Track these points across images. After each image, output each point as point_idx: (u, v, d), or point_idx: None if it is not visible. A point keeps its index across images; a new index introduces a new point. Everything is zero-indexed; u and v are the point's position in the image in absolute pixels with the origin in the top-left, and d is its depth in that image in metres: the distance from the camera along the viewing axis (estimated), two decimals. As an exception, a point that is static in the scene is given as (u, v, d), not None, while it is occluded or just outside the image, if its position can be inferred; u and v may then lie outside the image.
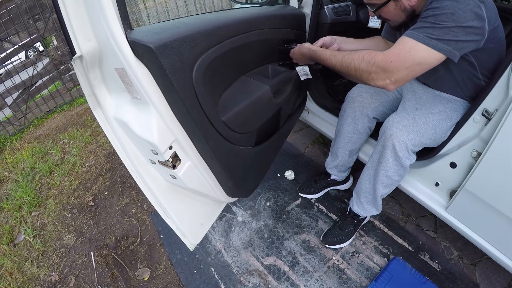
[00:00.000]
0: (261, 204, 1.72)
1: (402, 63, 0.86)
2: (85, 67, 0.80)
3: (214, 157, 1.00)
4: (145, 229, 1.73)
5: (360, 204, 1.37)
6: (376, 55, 0.90)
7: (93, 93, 0.88)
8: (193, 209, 1.19)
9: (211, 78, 0.91)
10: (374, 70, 0.90)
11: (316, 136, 2.16)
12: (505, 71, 0.89)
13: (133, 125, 0.86)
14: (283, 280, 1.37)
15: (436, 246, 1.44)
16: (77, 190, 2.09)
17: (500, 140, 0.91)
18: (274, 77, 1.20)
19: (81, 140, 2.62)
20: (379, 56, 0.89)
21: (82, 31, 0.74)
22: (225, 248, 1.54)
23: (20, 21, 2.71)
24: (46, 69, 3.09)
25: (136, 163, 1.00)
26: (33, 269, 1.63)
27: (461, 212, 1.14)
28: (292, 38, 1.30)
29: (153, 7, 4.42)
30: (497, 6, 0.95)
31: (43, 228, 1.87)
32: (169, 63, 0.77)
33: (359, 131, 1.37)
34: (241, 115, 1.04)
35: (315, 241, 1.50)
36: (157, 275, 1.50)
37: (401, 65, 0.86)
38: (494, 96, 0.93)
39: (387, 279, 1.29)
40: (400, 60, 0.86)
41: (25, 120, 3.07)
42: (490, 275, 1.31)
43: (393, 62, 0.87)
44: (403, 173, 1.16)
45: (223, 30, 0.94)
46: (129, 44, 0.73)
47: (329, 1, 1.59)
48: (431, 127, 1.07)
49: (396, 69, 0.87)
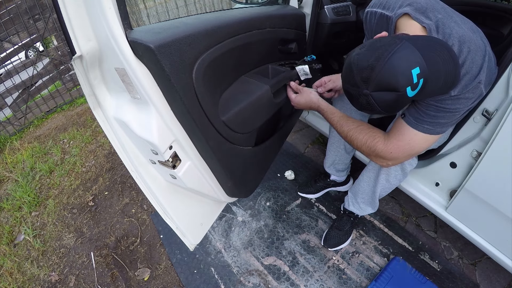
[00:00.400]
0: (261, 204, 1.72)
1: (401, 153, 0.92)
2: (85, 67, 0.80)
3: (214, 157, 1.00)
4: (145, 229, 1.73)
5: (356, 204, 1.37)
6: (377, 144, 0.95)
7: (93, 93, 0.88)
8: (193, 209, 1.19)
9: (211, 78, 0.91)
10: (374, 155, 0.98)
11: (316, 136, 2.16)
12: (505, 71, 0.89)
13: (133, 125, 0.86)
14: (283, 280, 1.37)
15: (436, 246, 1.44)
16: (77, 190, 2.09)
17: (500, 140, 0.91)
18: (274, 77, 1.20)
19: (81, 140, 2.62)
20: (380, 146, 0.94)
21: (82, 31, 0.74)
22: (225, 248, 1.54)
23: (20, 21, 2.71)
24: (46, 69, 3.09)
25: (136, 163, 1.00)
26: (33, 269, 1.63)
27: (461, 212, 1.14)
28: (292, 38, 1.30)
29: (153, 7, 4.42)
30: (497, 6, 0.95)
31: (43, 228, 1.87)
32: (169, 63, 0.77)
33: None
34: (241, 115, 1.04)
35: (315, 241, 1.50)
36: (157, 275, 1.50)
37: (399, 155, 0.93)
38: (494, 96, 0.93)
39: (387, 279, 1.29)
40: (400, 151, 0.92)
41: (25, 120, 3.07)
42: (490, 275, 1.31)
43: (392, 153, 0.92)
44: (402, 178, 1.17)
45: (223, 30, 0.94)
46: (129, 43, 0.73)
47: (329, 1, 1.58)
48: None
49: (394, 158, 0.94)
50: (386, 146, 0.93)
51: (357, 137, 1.00)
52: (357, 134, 1.00)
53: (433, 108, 0.84)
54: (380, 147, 0.94)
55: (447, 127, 0.88)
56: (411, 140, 0.89)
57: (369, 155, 0.99)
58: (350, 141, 1.03)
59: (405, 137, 0.90)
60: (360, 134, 0.99)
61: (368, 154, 1.00)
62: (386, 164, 1.00)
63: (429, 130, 0.87)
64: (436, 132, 0.87)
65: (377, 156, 0.97)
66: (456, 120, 0.90)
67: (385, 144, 0.94)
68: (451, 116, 0.85)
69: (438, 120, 0.85)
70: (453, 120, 0.87)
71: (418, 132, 0.88)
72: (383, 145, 0.94)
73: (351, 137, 1.02)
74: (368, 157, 1.02)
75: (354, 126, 1.02)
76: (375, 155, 0.97)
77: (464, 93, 0.80)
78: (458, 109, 0.83)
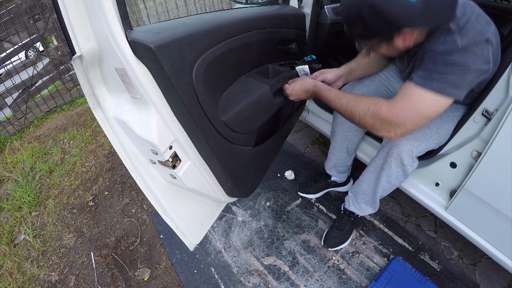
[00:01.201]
0: (261, 204, 1.72)
1: (408, 117, 0.84)
2: (85, 67, 0.80)
3: (214, 157, 1.00)
4: (145, 229, 1.73)
5: (357, 204, 1.37)
6: (382, 108, 0.87)
7: (93, 92, 0.88)
8: (193, 209, 1.19)
9: (211, 78, 0.91)
10: (379, 123, 0.88)
11: (316, 136, 2.16)
12: (505, 71, 0.89)
13: (133, 125, 0.86)
14: (283, 280, 1.37)
15: (436, 246, 1.44)
16: (77, 190, 2.09)
17: (500, 140, 0.91)
18: (274, 77, 1.20)
19: (81, 140, 2.62)
20: (384, 109, 0.86)
21: (82, 31, 0.74)
22: (225, 248, 1.54)
23: (20, 21, 2.71)
24: (46, 69, 3.09)
25: (136, 163, 1.00)
26: (33, 269, 1.63)
27: (461, 212, 1.14)
28: (292, 38, 1.30)
29: (153, 7, 4.42)
30: (497, 6, 0.95)
31: (43, 228, 1.87)
32: (169, 63, 0.77)
33: (354, 128, 1.37)
34: (241, 115, 1.04)
35: (315, 241, 1.50)
36: (157, 275, 1.50)
37: (406, 119, 0.84)
38: (494, 96, 0.93)
39: (387, 279, 1.29)
40: (406, 113, 0.83)
41: (25, 120, 3.07)
42: (490, 275, 1.31)
43: (398, 117, 0.84)
44: (403, 180, 1.16)
45: (223, 30, 0.94)
46: (129, 44, 0.73)
47: (329, 1, 1.59)
48: (435, 131, 1.06)
49: (401, 123, 0.84)
50: (391, 110, 0.85)
51: (358, 107, 0.92)
52: (358, 104, 0.93)
53: (442, 63, 0.80)
54: (385, 110, 0.86)
55: (458, 90, 0.81)
56: (419, 101, 0.82)
57: (373, 125, 0.90)
58: (351, 113, 0.95)
59: (412, 98, 0.83)
60: (360, 103, 0.92)
61: (372, 125, 0.90)
62: (394, 134, 0.88)
63: (438, 88, 0.80)
64: (446, 92, 0.80)
65: (382, 123, 0.87)
66: (465, 86, 0.81)
67: (390, 108, 0.85)
68: (461, 73, 0.79)
69: (447, 77, 0.79)
70: (462, 81, 0.80)
71: (426, 91, 0.81)
72: (387, 109, 0.85)
73: (351, 109, 0.94)
74: (373, 129, 0.91)
75: (353, 98, 0.96)
76: (380, 123, 0.88)
77: (471, 47, 0.77)
78: (467, 66, 0.78)
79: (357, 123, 0.95)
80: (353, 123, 0.98)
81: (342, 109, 0.98)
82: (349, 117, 0.97)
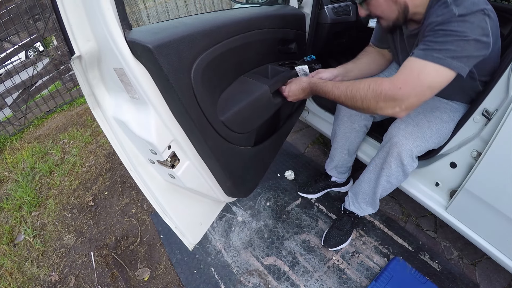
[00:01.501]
0: (261, 204, 1.72)
1: (412, 89, 0.82)
2: (84, 67, 0.80)
3: (212, 156, 1.00)
4: (145, 229, 1.73)
5: (357, 204, 1.37)
6: (383, 83, 0.85)
7: (92, 92, 0.88)
8: (192, 209, 1.19)
9: (210, 78, 0.91)
10: (382, 99, 0.85)
11: (316, 136, 2.16)
12: (505, 71, 0.89)
13: (132, 125, 0.86)
14: (283, 280, 1.37)
15: (436, 246, 1.44)
16: (77, 190, 2.09)
17: (500, 140, 0.91)
18: (274, 77, 1.20)
19: (81, 140, 2.62)
20: (386, 84, 0.84)
21: (81, 31, 0.74)
22: (225, 248, 1.54)
23: (20, 21, 2.71)
24: (46, 69, 3.10)
25: (135, 162, 1.00)
26: (33, 269, 1.64)
27: (461, 212, 1.14)
28: (291, 38, 1.30)
29: (153, 7, 4.42)
30: (497, 6, 0.95)
31: (43, 228, 1.87)
32: (167, 63, 0.77)
33: (355, 129, 1.37)
34: (240, 115, 1.03)
35: (315, 241, 1.50)
36: (157, 275, 1.50)
37: (410, 92, 0.82)
38: (494, 96, 0.93)
39: (387, 279, 1.29)
40: (409, 86, 0.82)
41: (25, 120, 3.07)
42: (490, 275, 1.31)
43: (401, 89, 0.82)
44: (403, 179, 1.16)
45: (222, 30, 0.94)
46: (127, 44, 0.73)
47: (329, 1, 1.58)
48: (435, 131, 1.06)
49: (405, 96, 0.82)
50: (393, 83, 0.83)
51: (358, 88, 0.90)
52: (358, 85, 0.90)
53: (441, 33, 0.80)
54: (387, 85, 0.84)
55: (458, 61, 0.79)
56: (421, 72, 0.81)
57: (377, 104, 0.86)
58: (352, 98, 0.92)
59: (414, 70, 0.82)
60: (360, 84, 0.90)
61: (376, 104, 0.86)
62: (400, 109, 0.85)
63: (439, 59, 0.79)
64: (447, 63, 0.79)
65: (386, 99, 0.84)
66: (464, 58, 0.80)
67: (391, 82, 0.84)
68: (459, 42, 0.78)
69: (447, 47, 0.79)
70: (462, 51, 0.79)
71: (427, 62, 0.80)
72: (389, 83, 0.84)
73: (352, 92, 0.91)
74: (377, 109, 0.87)
75: (351, 82, 0.94)
76: (384, 100, 0.85)
77: (468, 16, 0.78)
78: (465, 34, 0.78)
79: (360, 107, 0.92)
80: (356, 109, 0.95)
81: (343, 96, 0.95)
82: (351, 102, 0.93)
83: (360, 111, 0.96)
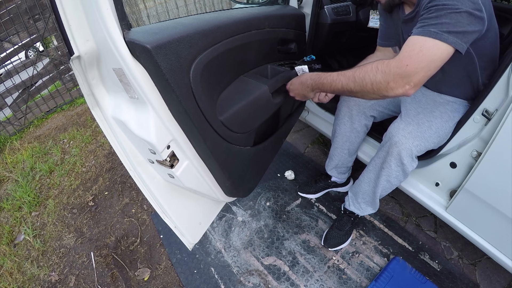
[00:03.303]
0: (261, 204, 1.72)
1: (418, 64, 0.84)
2: (83, 67, 0.80)
3: (212, 156, 1.00)
4: (145, 229, 1.73)
5: (357, 204, 1.37)
6: (390, 63, 0.87)
7: (91, 92, 0.88)
8: (191, 208, 1.19)
9: (209, 78, 0.91)
10: (392, 78, 0.86)
11: (316, 136, 2.16)
12: (505, 71, 0.89)
13: (131, 125, 0.86)
14: (283, 280, 1.37)
15: (436, 246, 1.43)
16: (77, 190, 2.09)
17: (500, 140, 0.91)
18: (273, 77, 1.20)
19: (81, 140, 2.63)
20: (393, 63, 0.86)
21: (80, 32, 0.74)
22: (225, 248, 1.54)
23: (20, 21, 2.71)
24: (46, 69, 3.10)
25: (134, 162, 1.00)
26: (33, 269, 1.64)
27: (461, 212, 1.14)
28: (291, 38, 1.30)
29: (153, 7, 4.42)
30: (497, 6, 0.95)
31: (43, 228, 1.87)
32: (166, 63, 0.77)
33: (356, 129, 1.36)
34: (240, 115, 1.03)
35: (315, 241, 1.50)
36: (157, 275, 1.50)
37: (417, 67, 0.84)
38: (494, 96, 0.93)
39: (387, 279, 1.29)
40: (415, 61, 0.84)
41: (25, 120, 3.07)
42: (490, 275, 1.30)
43: (408, 66, 0.84)
44: (403, 179, 1.16)
45: (221, 30, 0.94)
46: (126, 44, 0.73)
47: (329, 1, 1.58)
48: (435, 131, 1.06)
49: (413, 72, 0.84)
50: (399, 61, 0.85)
51: (365, 72, 0.91)
52: (364, 69, 0.91)
53: (433, 9, 0.84)
54: (394, 64, 0.86)
55: (454, 36, 0.82)
56: (422, 47, 0.84)
57: (388, 84, 0.87)
58: (361, 82, 0.92)
59: (415, 47, 0.85)
60: (367, 68, 0.91)
61: (387, 84, 0.87)
62: (409, 86, 0.86)
63: (435, 34, 0.82)
64: (443, 38, 0.82)
65: (396, 78, 0.86)
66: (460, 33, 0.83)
67: (398, 60, 0.86)
68: (452, 14, 0.81)
69: (441, 20, 0.82)
70: (456, 25, 0.81)
71: (426, 38, 0.84)
72: (396, 62, 0.86)
73: (360, 77, 0.92)
74: (388, 89, 0.88)
75: (356, 68, 0.95)
76: (394, 79, 0.86)
77: None
78: (457, 6, 0.80)
79: (370, 90, 0.91)
80: (366, 93, 0.94)
81: (351, 82, 0.94)
82: (360, 87, 0.93)
83: (368, 95, 0.94)
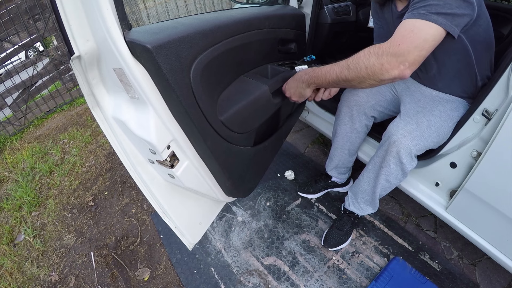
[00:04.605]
0: (261, 204, 1.72)
1: (410, 43, 0.85)
2: (83, 67, 0.80)
3: (212, 156, 1.00)
4: (145, 229, 1.73)
5: (357, 203, 1.37)
6: (382, 45, 0.88)
7: (91, 92, 0.88)
8: (191, 209, 1.19)
9: (209, 78, 0.91)
10: (386, 59, 0.86)
11: (316, 136, 2.16)
12: (505, 71, 0.89)
13: (131, 125, 0.86)
14: (283, 280, 1.37)
15: (436, 246, 1.43)
16: (77, 190, 2.09)
17: (500, 140, 0.91)
18: (273, 77, 1.20)
19: (81, 140, 2.63)
20: (385, 45, 0.87)
21: (80, 32, 0.74)
22: (225, 248, 1.54)
23: (20, 21, 2.71)
24: (46, 69, 3.10)
25: (134, 162, 1.00)
26: (33, 269, 1.64)
27: (461, 212, 1.14)
28: (291, 38, 1.30)
29: (153, 7, 4.42)
30: (497, 6, 0.95)
31: (43, 228, 1.87)
32: (167, 63, 0.76)
33: (356, 129, 1.37)
34: (240, 115, 1.03)
35: (315, 241, 1.50)
36: (157, 275, 1.50)
37: (409, 45, 0.84)
38: (494, 96, 0.93)
39: (387, 279, 1.29)
40: (407, 40, 0.85)
41: (25, 120, 3.07)
42: (490, 275, 1.31)
43: (401, 45, 0.85)
44: (402, 178, 1.16)
45: (221, 30, 0.94)
46: (126, 44, 0.73)
47: (329, 1, 1.58)
48: (434, 130, 1.06)
49: (406, 50, 0.84)
50: (391, 42, 0.86)
51: (359, 57, 0.91)
52: (357, 55, 0.92)
53: None
54: (386, 45, 0.87)
55: (443, 17, 0.84)
56: (413, 28, 0.85)
57: (382, 66, 0.86)
58: (355, 67, 0.91)
59: (407, 28, 0.86)
60: (360, 53, 0.91)
61: (381, 66, 0.87)
62: (404, 66, 0.85)
63: (424, 15, 0.84)
64: (433, 19, 0.84)
65: (389, 59, 0.85)
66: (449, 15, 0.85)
67: (389, 41, 0.87)
68: None
69: (429, 2, 0.84)
70: (444, 5, 0.83)
71: (416, 19, 0.85)
72: (388, 43, 0.87)
73: (353, 62, 0.92)
74: (383, 71, 0.87)
75: (348, 58, 0.95)
76: (387, 60, 0.86)
77: None
78: None
79: (365, 75, 0.90)
80: (361, 79, 0.93)
81: (345, 70, 0.94)
82: (355, 73, 0.92)
83: (364, 81, 0.93)
